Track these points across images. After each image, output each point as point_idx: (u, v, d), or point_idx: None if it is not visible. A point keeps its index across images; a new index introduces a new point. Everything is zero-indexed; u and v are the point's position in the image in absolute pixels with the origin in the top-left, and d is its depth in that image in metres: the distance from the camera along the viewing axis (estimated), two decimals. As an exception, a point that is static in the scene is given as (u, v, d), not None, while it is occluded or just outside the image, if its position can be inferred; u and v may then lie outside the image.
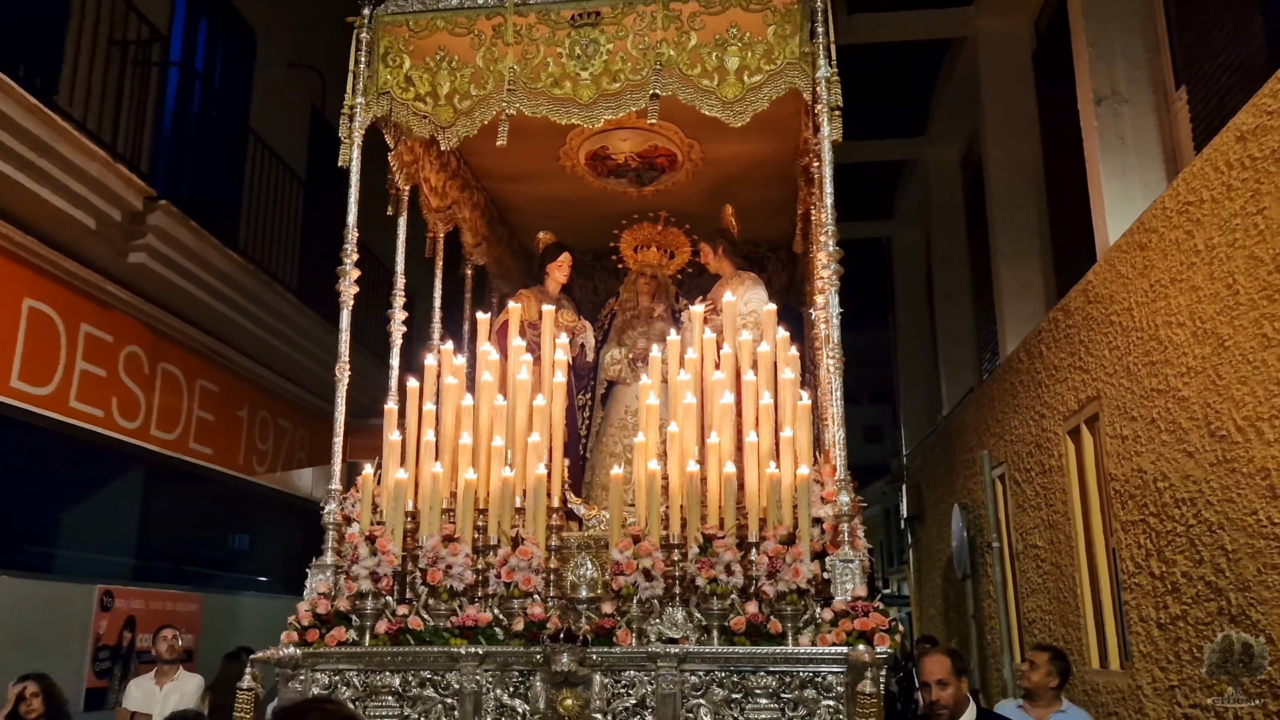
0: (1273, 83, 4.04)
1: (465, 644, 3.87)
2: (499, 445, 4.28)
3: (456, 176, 5.60)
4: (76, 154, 6.37)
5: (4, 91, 5.74)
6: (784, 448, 4.04)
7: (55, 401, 6.98)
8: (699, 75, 4.25)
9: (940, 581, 11.80)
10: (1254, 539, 4.31)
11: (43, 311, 6.85)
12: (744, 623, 3.72)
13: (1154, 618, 5.43)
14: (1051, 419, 7.09)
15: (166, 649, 6.30)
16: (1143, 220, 5.39)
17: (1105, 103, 6.07)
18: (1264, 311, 4.14)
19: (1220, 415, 4.56)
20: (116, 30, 7.23)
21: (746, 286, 5.48)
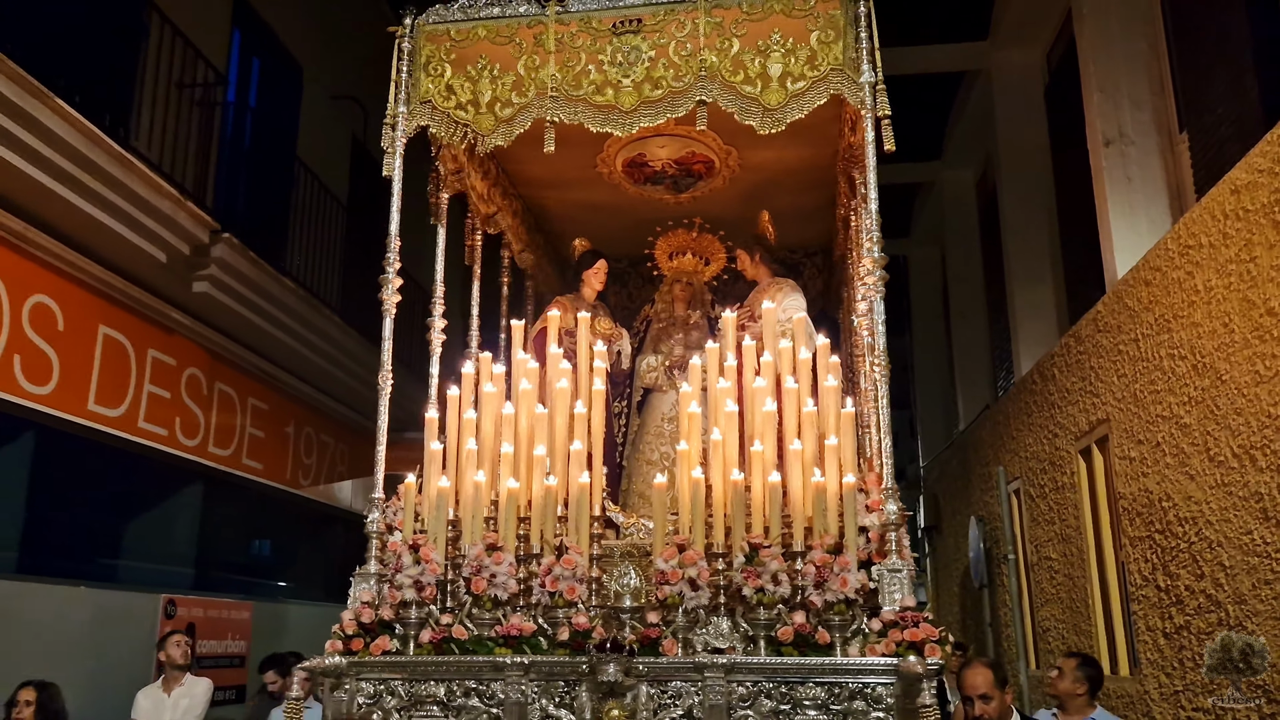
0: (1263, 144, 4.45)
1: (510, 653, 3.86)
2: (541, 454, 4.27)
3: (497, 184, 5.64)
4: (151, 193, 6.85)
5: (88, 137, 6.22)
6: (829, 456, 4.01)
7: (126, 422, 7.46)
8: (741, 82, 4.24)
9: (957, 590, 12.18)
10: (1249, 556, 4.71)
11: (115, 338, 7.33)
12: (792, 633, 3.69)
13: (1160, 627, 5.82)
14: (1064, 438, 7.49)
15: (180, 655, 6.27)
16: (1148, 258, 5.79)
17: (1113, 145, 6.48)
18: (1256, 350, 4.55)
19: (1218, 442, 4.96)
20: (183, 74, 7.72)
21: (785, 294, 5.44)
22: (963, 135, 11.14)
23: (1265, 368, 4.48)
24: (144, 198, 6.78)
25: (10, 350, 6.30)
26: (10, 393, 6.31)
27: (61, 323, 6.75)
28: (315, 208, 9.72)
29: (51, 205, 6.30)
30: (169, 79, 7.54)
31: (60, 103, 5.84)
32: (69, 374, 6.81)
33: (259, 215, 8.87)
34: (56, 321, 6.72)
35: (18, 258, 6.37)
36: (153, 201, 6.87)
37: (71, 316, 6.84)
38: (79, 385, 6.94)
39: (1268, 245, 4.43)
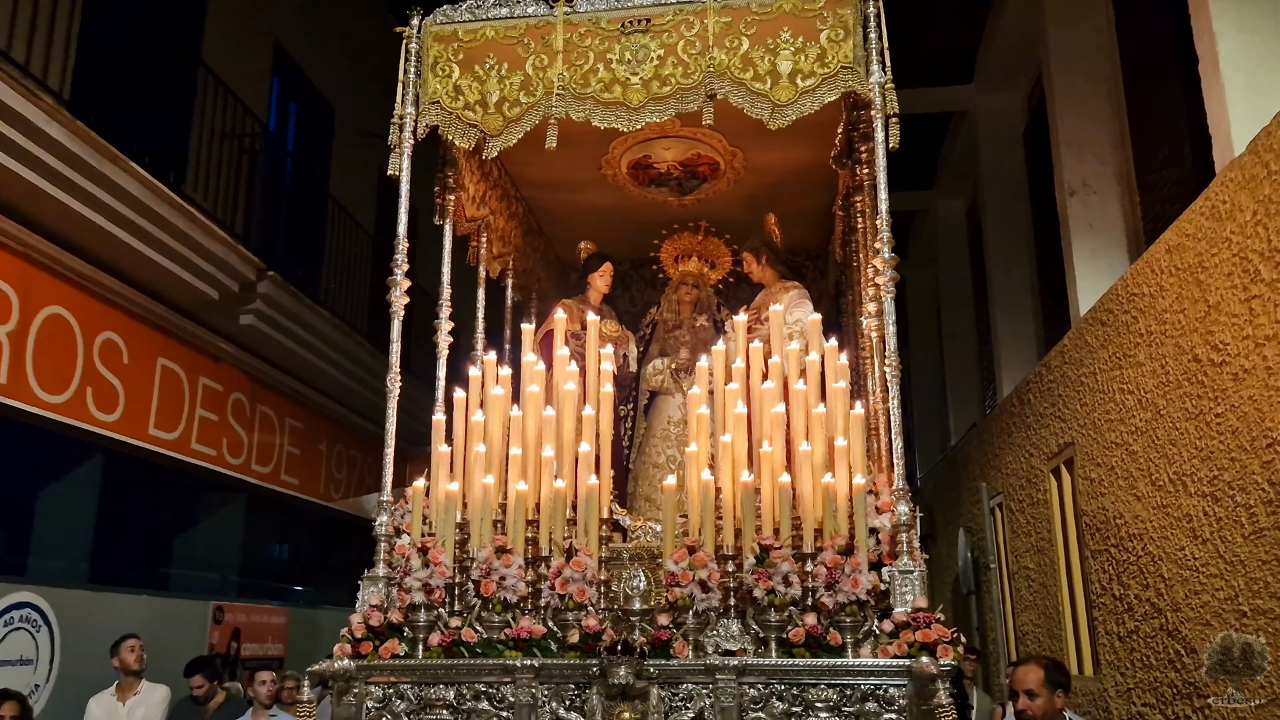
0: (1189, 212, 5.12)
1: (520, 656, 3.84)
2: (549, 456, 4.27)
3: (497, 186, 5.60)
4: (206, 237, 7.58)
5: (153, 191, 6.94)
6: (838, 457, 4.00)
7: (180, 444, 8.18)
8: (751, 79, 4.23)
9: (950, 596, 12.83)
10: (1182, 570, 5.38)
11: (171, 368, 8.06)
12: (803, 634, 3.70)
13: (1116, 631, 6.48)
14: (1038, 458, 8.15)
15: (134, 660, 5.99)
16: (1103, 301, 6.46)
17: (1076, 195, 7.15)
18: (1186, 390, 5.22)
19: (1158, 469, 5.63)
20: (230, 124, 8.45)
21: (792, 297, 5.42)
22: (953, 168, 11.81)
23: (1192, 406, 5.15)
24: (200, 242, 7.50)
25: (84, 383, 7.02)
26: (83, 420, 7.03)
27: (126, 356, 7.48)
28: (346, 240, 10.44)
29: (120, 252, 7.03)
30: (218, 130, 8.28)
31: (133, 165, 6.57)
32: (132, 402, 7.53)
33: (297, 250, 9.59)
34: (122, 355, 7.44)
35: (90, 299, 7.09)
36: (207, 245, 7.60)
37: (135, 350, 7.57)
38: (141, 412, 7.66)
39: (1193, 300, 5.10)
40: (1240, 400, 4.66)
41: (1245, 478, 4.64)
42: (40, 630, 6.58)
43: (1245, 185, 4.54)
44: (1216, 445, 4.91)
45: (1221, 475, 4.87)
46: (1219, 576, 4.94)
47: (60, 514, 7.29)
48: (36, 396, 6.57)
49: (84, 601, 7.02)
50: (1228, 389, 4.77)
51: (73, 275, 6.88)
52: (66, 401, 6.84)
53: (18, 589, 6.45)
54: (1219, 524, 4.92)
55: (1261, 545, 4.52)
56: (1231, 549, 4.81)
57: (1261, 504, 4.51)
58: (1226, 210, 4.72)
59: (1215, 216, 4.84)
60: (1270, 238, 4.34)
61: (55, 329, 6.74)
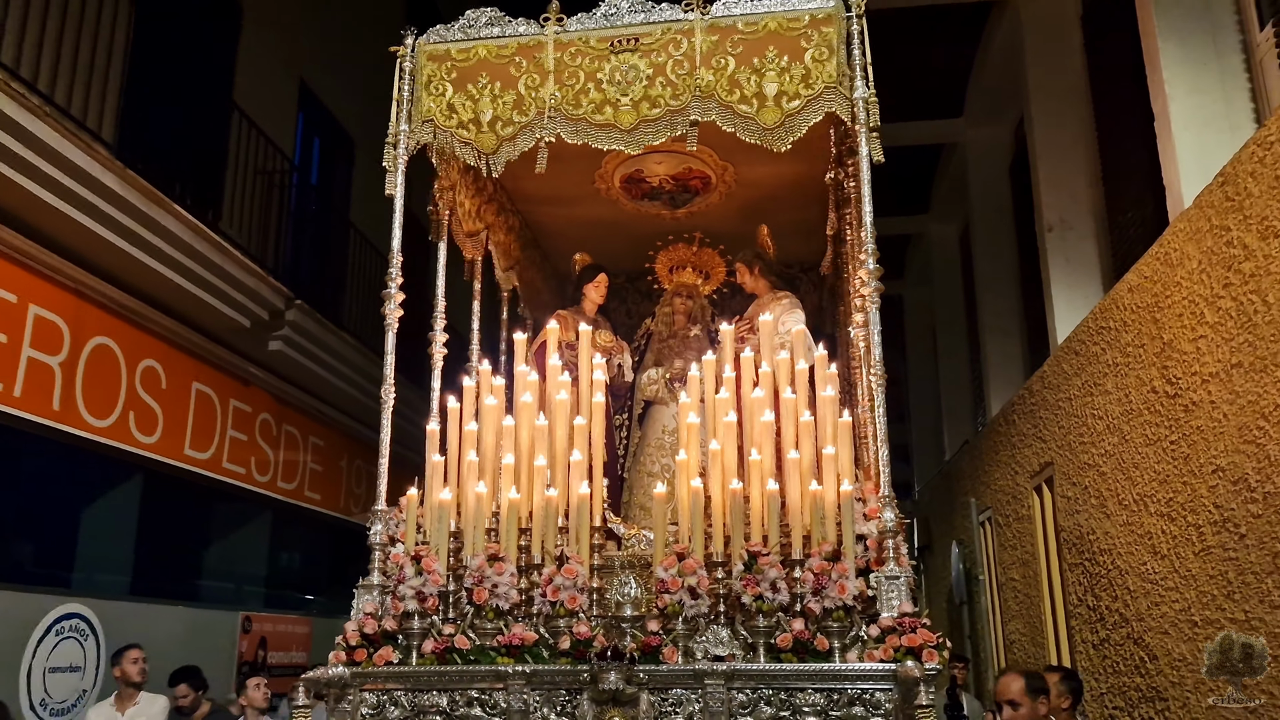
0: (1147, 257, 5.61)
1: (512, 663, 3.88)
2: (541, 465, 4.30)
3: (492, 201, 5.65)
4: (238, 269, 8.09)
5: (194, 230, 7.46)
6: (826, 465, 4.05)
7: (213, 463, 8.68)
8: (738, 101, 4.28)
9: (945, 605, 13.28)
10: (1144, 583, 5.85)
11: (205, 392, 8.57)
12: (790, 640, 3.74)
13: (1090, 639, 6.95)
14: (1022, 475, 8.62)
15: (137, 672, 5.92)
16: (1076, 332, 6.94)
17: (1055, 230, 7.63)
18: (1145, 419, 5.70)
19: (1124, 490, 6.10)
20: (260, 162, 8.98)
21: (784, 307, 5.47)
22: (946, 194, 12.30)
23: (1151, 434, 5.63)
24: (234, 275, 8.02)
25: (127, 407, 7.53)
26: (126, 443, 7.53)
27: (164, 382, 7.98)
28: (367, 267, 10.96)
29: (161, 285, 7.54)
30: (249, 167, 8.80)
31: (177, 207, 7.09)
32: (170, 424, 8.04)
33: (321, 278, 10.11)
34: (161, 381, 7.95)
35: (133, 329, 7.60)
36: (240, 277, 8.11)
37: (172, 376, 8.08)
38: (177, 433, 8.17)
39: (1150, 337, 5.58)
40: (1190, 430, 5.13)
41: (1195, 500, 5.11)
42: (87, 639, 7.08)
43: (1192, 236, 5.02)
44: (1171, 470, 5.38)
45: (1176, 497, 5.35)
46: (1175, 590, 5.41)
47: (104, 530, 7.79)
48: (85, 421, 7.07)
49: (126, 612, 7.52)
50: (1180, 419, 5.25)
51: (117, 307, 7.39)
52: (111, 425, 7.34)
53: (67, 601, 6.95)
54: (1174, 542, 5.40)
55: (1209, 562, 4.99)
56: (1185, 565, 5.28)
57: (1209, 524, 4.98)
58: (1176, 258, 5.20)
59: (1168, 263, 5.32)
60: (1212, 284, 4.82)
61: (102, 358, 7.25)
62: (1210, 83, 5.30)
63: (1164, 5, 5.47)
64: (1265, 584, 4.42)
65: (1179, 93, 5.34)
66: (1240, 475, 4.61)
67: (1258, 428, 4.43)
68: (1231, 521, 4.72)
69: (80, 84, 6.67)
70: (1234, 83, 5.27)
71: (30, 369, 6.53)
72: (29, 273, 6.54)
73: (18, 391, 6.42)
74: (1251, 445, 4.50)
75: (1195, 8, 5.38)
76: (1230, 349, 4.65)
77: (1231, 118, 5.21)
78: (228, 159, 8.52)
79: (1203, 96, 5.29)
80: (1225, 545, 4.80)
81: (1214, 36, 5.31)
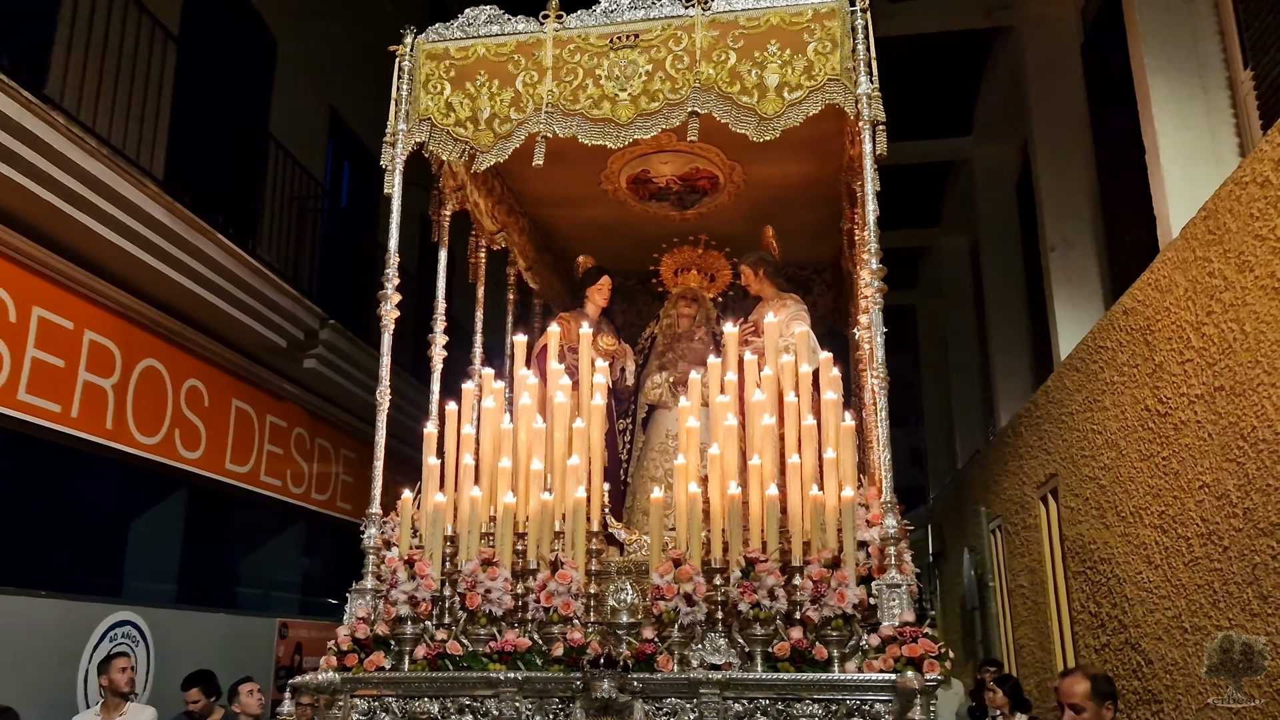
0: (1139, 282, 5.92)
1: (504, 669, 3.83)
2: (538, 469, 4.23)
3: (502, 202, 5.65)
4: (275, 292, 8.48)
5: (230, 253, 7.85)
6: (827, 470, 3.97)
7: (251, 477, 9.07)
8: (738, 93, 4.22)
9: (959, 611, 13.57)
10: (1141, 591, 6.15)
11: (244, 409, 8.96)
12: (788, 648, 3.65)
13: (1093, 644, 7.24)
14: (1029, 486, 8.92)
15: (125, 681, 5.74)
16: (1077, 349, 7.25)
17: (1057, 250, 7.94)
18: (1140, 435, 6.01)
19: (1121, 502, 6.41)
20: (294, 188, 9.39)
21: (789, 309, 5.41)
22: (956, 209, 12.60)
23: (1145, 450, 5.93)
24: (271, 298, 8.41)
25: (173, 425, 7.93)
26: (172, 459, 7.93)
27: (207, 400, 8.38)
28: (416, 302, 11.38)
29: (203, 308, 7.93)
30: (284, 193, 9.21)
31: (220, 236, 7.49)
32: (211, 440, 8.43)
33: (352, 297, 10.51)
34: (203, 399, 8.35)
35: (178, 351, 8.01)
36: (277, 300, 8.51)
37: (213, 394, 8.47)
38: (218, 448, 8.56)
39: (1143, 358, 5.90)
40: (1179, 447, 5.44)
41: (1184, 514, 5.42)
42: (139, 645, 7.47)
43: (1179, 265, 5.34)
44: (1162, 484, 5.69)
45: (1167, 510, 5.66)
46: (1167, 598, 5.72)
47: (152, 541, 8.20)
48: (135, 439, 7.47)
49: (173, 620, 7.90)
50: (1170, 437, 5.56)
51: (164, 331, 7.79)
52: (159, 442, 7.74)
53: (119, 608, 7.35)
54: (1166, 552, 5.71)
55: (1197, 572, 5.30)
56: (1176, 574, 5.59)
57: (1196, 537, 5.29)
58: (1165, 284, 5.52)
59: (1158, 288, 5.64)
60: (1197, 311, 5.13)
61: (150, 379, 7.65)
62: (1197, 118, 5.61)
63: (1153, 43, 5.79)
64: (1245, 593, 4.73)
65: (1167, 127, 5.65)
66: (1223, 491, 4.92)
67: (1238, 447, 4.74)
68: (1216, 534, 5.03)
69: (133, 124, 7.08)
70: (1219, 118, 5.57)
71: (86, 391, 6.93)
72: (84, 300, 6.94)
73: (74, 413, 6.82)
74: (1233, 464, 4.81)
75: (1183, 46, 5.69)
76: (1213, 373, 4.97)
77: (1217, 151, 5.52)
78: (264, 187, 8.93)
79: (1189, 131, 5.60)
80: (1211, 556, 5.11)
81: (1201, 74, 5.61)
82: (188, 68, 7.84)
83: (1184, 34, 5.61)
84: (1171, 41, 5.73)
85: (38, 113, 5.71)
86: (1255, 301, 4.47)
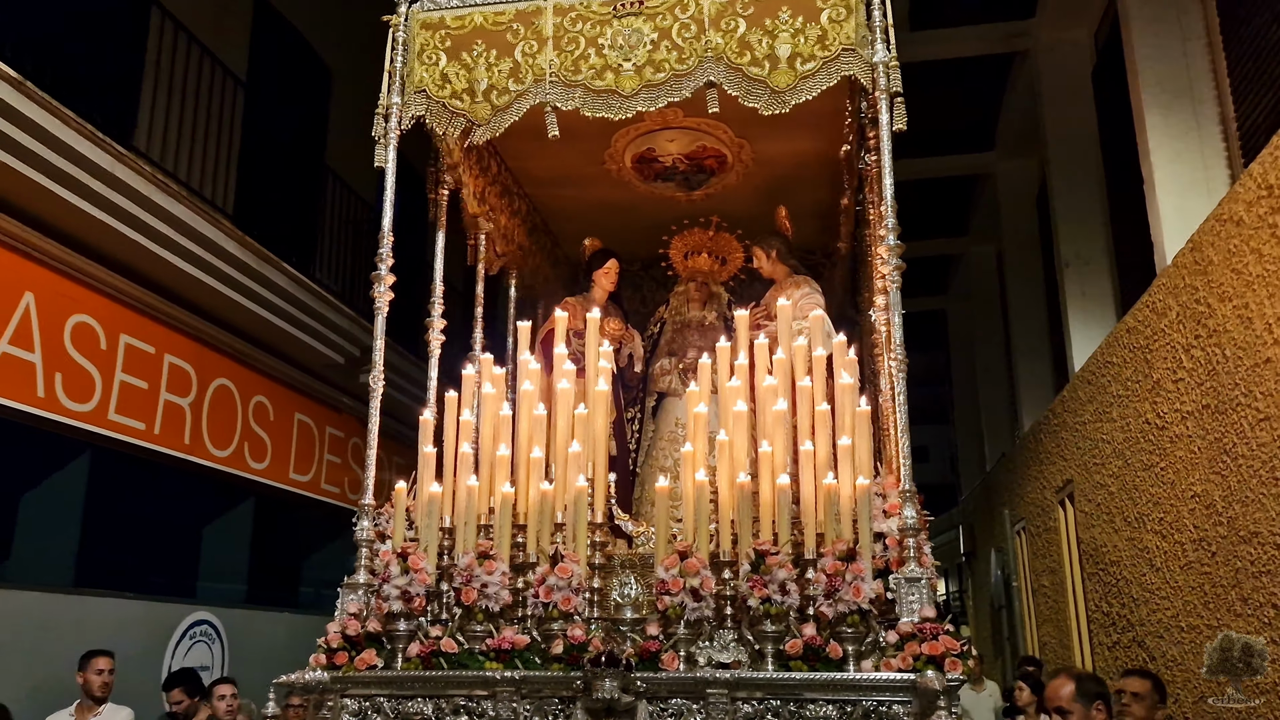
0: (1139, 305, 6.33)
1: (501, 668, 3.63)
2: (537, 457, 4.04)
3: (497, 182, 5.42)
4: (334, 313, 9.09)
5: (294, 280, 8.47)
6: (842, 457, 3.75)
7: (313, 485, 9.70)
8: (748, 64, 4.02)
9: (988, 610, 13.94)
10: (1145, 592, 6.56)
11: (305, 422, 9.59)
12: (801, 646, 3.46)
13: (1105, 641, 7.65)
14: (1049, 490, 9.32)
15: (99, 685, 5.41)
16: (1089, 363, 7.65)
17: (1071, 266, 8.33)
18: (1142, 447, 6.42)
19: (1127, 509, 6.82)
20: (348, 213, 10.00)
21: (803, 291, 5.25)
22: (982, 220, 12.98)
23: (1146, 460, 6.35)
24: (330, 318, 9.03)
25: (242, 439, 8.56)
26: (242, 470, 8.57)
27: (272, 414, 9.01)
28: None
29: (269, 330, 8.56)
30: (339, 218, 9.83)
31: (287, 266, 8.11)
32: (277, 452, 9.07)
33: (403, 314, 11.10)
34: (269, 413, 8.98)
35: (246, 370, 8.64)
36: (334, 320, 9.12)
37: (278, 409, 9.10)
38: (283, 459, 9.20)
39: (1144, 375, 6.31)
40: (1175, 460, 5.86)
41: (1179, 521, 5.84)
42: (214, 643, 8.12)
43: (1172, 291, 5.75)
44: (1161, 493, 6.11)
45: (1166, 517, 6.07)
46: (1167, 599, 6.14)
47: (222, 547, 8.84)
48: (209, 452, 8.11)
49: (243, 619, 8.54)
50: (1166, 449, 5.98)
51: (234, 351, 8.42)
52: (230, 455, 8.38)
53: (196, 609, 7.99)
54: (1165, 556, 6.12)
55: (1190, 575, 5.72)
56: (1173, 577, 6.01)
57: (1190, 542, 5.71)
58: (1161, 308, 5.93)
59: (1154, 310, 6.05)
60: (1187, 335, 5.55)
61: (222, 396, 8.29)
62: (1190, 153, 6.01)
63: (1150, 82, 6.20)
64: (1229, 595, 5.15)
65: (1163, 160, 6.06)
66: (1210, 501, 5.34)
67: (1222, 461, 5.16)
68: (1205, 540, 5.45)
69: (207, 163, 7.71)
70: (1212, 152, 5.97)
71: (166, 409, 7.57)
72: (165, 326, 7.58)
73: (157, 429, 7.46)
74: (1218, 476, 5.23)
75: (1179, 86, 6.10)
76: (1201, 392, 5.39)
77: (1209, 184, 5.92)
78: (321, 213, 9.55)
79: (1183, 165, 6.01)
80: (1201, 561, 5.53)
81: (1195, 111, 6.02)
82: (254, 109, 8.47)
83: (1179, 74, 6.01)
84: (1168, 81, 6.13)
85: (128, 163, 6.33)
86: (1234, 329, 4.89)
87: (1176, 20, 5.97)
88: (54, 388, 6.49)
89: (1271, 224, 4.41)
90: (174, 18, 7.49)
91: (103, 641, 6.85)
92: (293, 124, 9.33)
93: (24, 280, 6.29)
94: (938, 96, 9.84)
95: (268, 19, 9.11)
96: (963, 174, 11.94)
